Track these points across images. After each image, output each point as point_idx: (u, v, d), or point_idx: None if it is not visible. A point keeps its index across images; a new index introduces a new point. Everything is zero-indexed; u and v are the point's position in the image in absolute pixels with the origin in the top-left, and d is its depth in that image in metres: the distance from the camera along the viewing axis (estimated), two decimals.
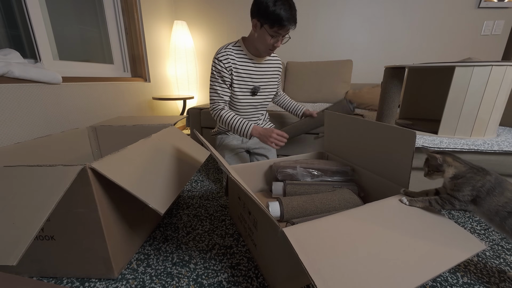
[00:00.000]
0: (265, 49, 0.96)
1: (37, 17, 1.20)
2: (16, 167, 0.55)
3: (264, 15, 0.86)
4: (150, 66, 2.00)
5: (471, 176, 0.60)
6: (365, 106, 1.80)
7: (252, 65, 1.05)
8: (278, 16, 0.83)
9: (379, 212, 0.62)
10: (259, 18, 0.89)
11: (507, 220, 0.57)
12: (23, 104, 1.06)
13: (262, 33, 0.91)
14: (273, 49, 0.97)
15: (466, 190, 0.60)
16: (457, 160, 0.63)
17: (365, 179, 0.95)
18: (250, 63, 1.04)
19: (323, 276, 0.43)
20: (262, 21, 0.88)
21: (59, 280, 0.68)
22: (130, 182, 0.60)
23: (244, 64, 1.03)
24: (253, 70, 1.06)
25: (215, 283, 0.68)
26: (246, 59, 1.03)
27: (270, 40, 0.92)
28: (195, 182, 1.32)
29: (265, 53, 1.00)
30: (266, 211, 0.56)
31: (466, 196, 0.60)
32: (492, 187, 0.58)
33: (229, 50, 1.00)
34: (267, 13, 0.84)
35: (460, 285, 0.69)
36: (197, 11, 2.30)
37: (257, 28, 0.92)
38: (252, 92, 1.08)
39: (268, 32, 0.89)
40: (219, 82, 1.02)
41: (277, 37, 0.91)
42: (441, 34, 2.00)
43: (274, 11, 0.83)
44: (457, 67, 0.96)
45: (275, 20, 0.85)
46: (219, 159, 0.72)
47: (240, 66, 1.02)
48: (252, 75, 1.06)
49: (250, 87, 1.07)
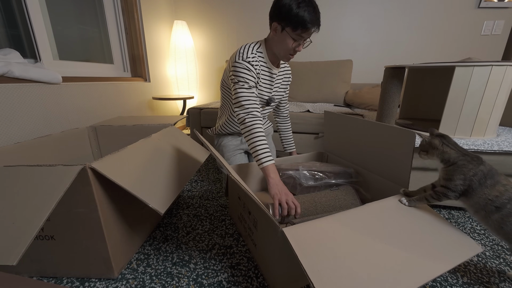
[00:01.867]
0: (285, 54, 0.91)
1: (37, 17, 1.20)
2: (16, 167, 0.55)
3: (287, 17, 0.81)
4: (150, 66, 2.00)
5: (463, 164, 0.59)
6: (365, 106, 1.80)
7: (269, 75, 0.99)
8: (302, 18, 0.79)
9: (379, 213, 0.62)
10: (280, 21, 0.84)
11: (493, 215, 0.56)
12: (23, 104, 1.06)
13: (284, 37, 0.86)
14: (294, 53, 0.91)
15: (457, 179, 0.59)
16: (446, 144, 0.62)
17: (365, 179, 0.95)
18: (268, 72, 0.98)
19: (322, 277, 0.43)
20: (283, 24, 0.84)
21: (59, 280, 0.68)
22: (130, 182, 0.60)
23: (264, 73, 0.97)
24: (270, 80, 1.00)
25: (215, 283, 0.68)
26: (266, 67, 0.97)
27: (292, 44, 0.87)
28: (195, 182, 1.32)
29: (285, 59, 0.94)
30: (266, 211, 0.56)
31: (458, 186, 0.59)
32: (483, 178, 0.57)
33: (258, 57, 0.93)
34: (290, 16, 0.80)
35: (460, 285, 0.69)
36: (197, 11, 2.30)
37: (278, 31, 0.87)
38: (266, 103, 1.04)
39: (291, 36, 0.85)
40: (252, 86, 0.89)
41: (300, 40, 0.86)
42: (441, 34, 2.00)
43: (298, 13, 0.79)
44: (457, 67, 0.96)
45: (298, 23, 0.81)
46: (219, 159, 0.72)
47: (262, 75, 0.96)
48: (267, 86, 1.00)
49: (266, 98, 1.02)
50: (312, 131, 1.53)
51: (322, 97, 1.99)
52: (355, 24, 2.10)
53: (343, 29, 2.12)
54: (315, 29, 0.84)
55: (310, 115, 1.53)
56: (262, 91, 0.99)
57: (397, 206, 0.65)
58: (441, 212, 1.06)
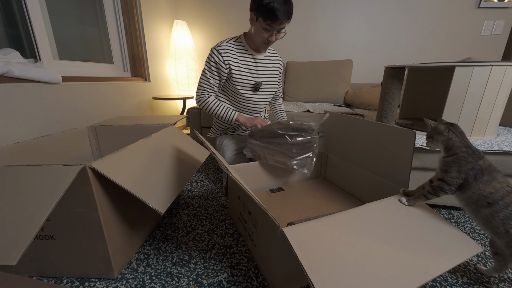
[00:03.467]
0: (261, 43, 0.98)
1: (37, 17, 1.20)
2: (16, 166, 0.55)
3: (259, 7, 0.86)
4: (150, 66, 2.00)
5: (463, 156, 0.59)
6: (365, 106, 1.80)
7: (252, 60, 1.06)
8: (272, 9, 0.83)
9: (379, 213, 0.62)
10: (254, 12, 0.90)
11: (483, 209, 0.57)
12: (23, 104, 1.06)
13: (258, 27, 0.92)
14: (268, 43, 0.97)
15: (453, 171, 0.59)
16: (452, 131, 0.62)
17: (365, 179, 0.95)
18: (251, 58, 1.05)
19: (322, 277, 0.43)
20: (257, 14, 0.89)
21: (59, 279, 0.68)
22: (130, 182, 0.60)
23: (245, 59, 1.04)
24: (254, 65, 1.07)
25: (215, 282, 0.68)
26: (247, 54, 1.05)
27: (264, 33, 0.92)
28: (195, 182, 1.32)
29: (261, 47, 1.01)
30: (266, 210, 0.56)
31: (453, 178, 0.59)
32: (480, 173, 0.57)
33: (230, 45, 1.02)
34: (261, 6, 0.85)
35: (460, 285, 0.69)
36: (197, 11, 2.30)
37: (254, 21, 0.93)
38: (254, 88, 1.09)
39: (262, 26, 0.90)
40: (214, 73, 1.02)
41: (271, 31, 0.91)
42: (441, 34, 2.00)
43: (268, 4, 0.83)
44: (457, 67, 0.96)
45: (268, 13, 0.85)
46: (219, 158, 0.72)
47: (241, 61, 1.03)
48: (253, 71, 1.07)
49: (252, 83, 1.08)
50: None
51: (322, 97, 1.99)
52: (355, 24, 2.09)
53: (343, 29, 2.12)
54: (285, 20, 0.87)
55: (310, 115, 1.53)
56: (245, 75, 1.05)
57: (397, 206, 0.65)
58: (441, 212, 1.06)
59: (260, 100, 1.16)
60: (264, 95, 1.15)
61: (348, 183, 1.06)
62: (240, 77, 1.05)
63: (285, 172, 1.11)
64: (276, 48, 2.26)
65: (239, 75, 1.04)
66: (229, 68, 1.02)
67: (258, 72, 1.09)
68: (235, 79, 1.04)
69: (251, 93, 1.10)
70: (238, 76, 1.05)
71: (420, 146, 0.96)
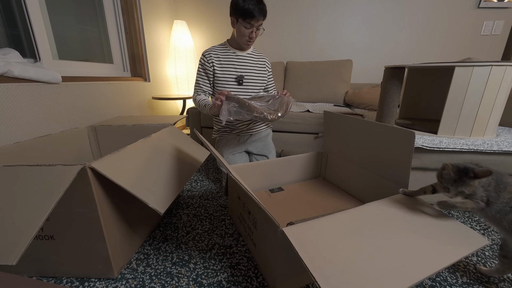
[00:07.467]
0: (244, 41, 1.11)
1: (37, 17, 1.20)
2: (16, 166, 0.55)
3: (237, 11, 1.02)
4: (150, 66, 2.00)
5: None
6: (365, 106, 1.80)
7: (235, 56, 1.18)
8: (248, 9, 1.00)
9: (379, 211, 0.62)
10: (234, 15, 1.05)
11: (507, 216, 0.56)
12: (23, 104, 1.05)
13: (239, 27, 1.07)
14: (250, 40, 1.10)
15: (479, 192, 0.57)
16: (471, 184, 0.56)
17: (365, 179, 0.95)
18: (233, 55, 1.18)
19: (325, 273, 0.43)
20: (236, 17, 1.04)
21: (58, 279, 0.68)
22: (130, 182, 0.60)
23: (227, 56, 1.17)
24: (236, 60, 1.18)
25: (215, 282, 0.68)
26: (230, 53, 1.18)
27: (245, 31, 1.06)
28: (195, 182, 1.32)
29: (245, 45, 1.14)
30: (266, 210, 0.56)
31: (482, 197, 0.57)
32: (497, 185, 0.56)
33: (214, 48, 1.18)
34: (239, 9, 1.01)
35: (460, 284, 0.69)
36: (197, 11, 2.30)
37: (235, 23, 1.08)
38: (237, 81, 1.18)
39: (242, 25, 1.05)
40: (202, 74, 1.17)
41: (251, 28, 1.05)
42: (441, 34, 2.00)
43: (244, 6, 1.00)
44: (457, 67, 0.96)
45: (246, 13, 1.00)
46: (219, 158, 0.72)
47: (223, 58, 1.16)
48: (235, 64, 1.17)
49: (234, 76, 1.17)
50: (311, 131, 1.53)
51: (322, 97, 1.99)
52: (355, 24, 2.09)
53: (343, 29, 2.12)
54: (260, 17, 1.03)
55: (309, 115, 1.53)
56: (227, 68, 1.17)
57: (398, 205, 0.65)
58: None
59: (246, 95, 1.18)
60: (249, 89, 1.20)
61: (348, 183, 1.06)
62: (222, 71, 1.15)
63: (285, 172, 1.11)
64: (276, 48, 2.26)
65: (221, 70, 1.15)
66: (213, 66, 1.14)
67: (241, 66, 1.18)
68: (218, 74, 1.15)
69: (236, 86, 1.17)
70: (221, 70, 1.15)
71: (420, 146, 0.96)
